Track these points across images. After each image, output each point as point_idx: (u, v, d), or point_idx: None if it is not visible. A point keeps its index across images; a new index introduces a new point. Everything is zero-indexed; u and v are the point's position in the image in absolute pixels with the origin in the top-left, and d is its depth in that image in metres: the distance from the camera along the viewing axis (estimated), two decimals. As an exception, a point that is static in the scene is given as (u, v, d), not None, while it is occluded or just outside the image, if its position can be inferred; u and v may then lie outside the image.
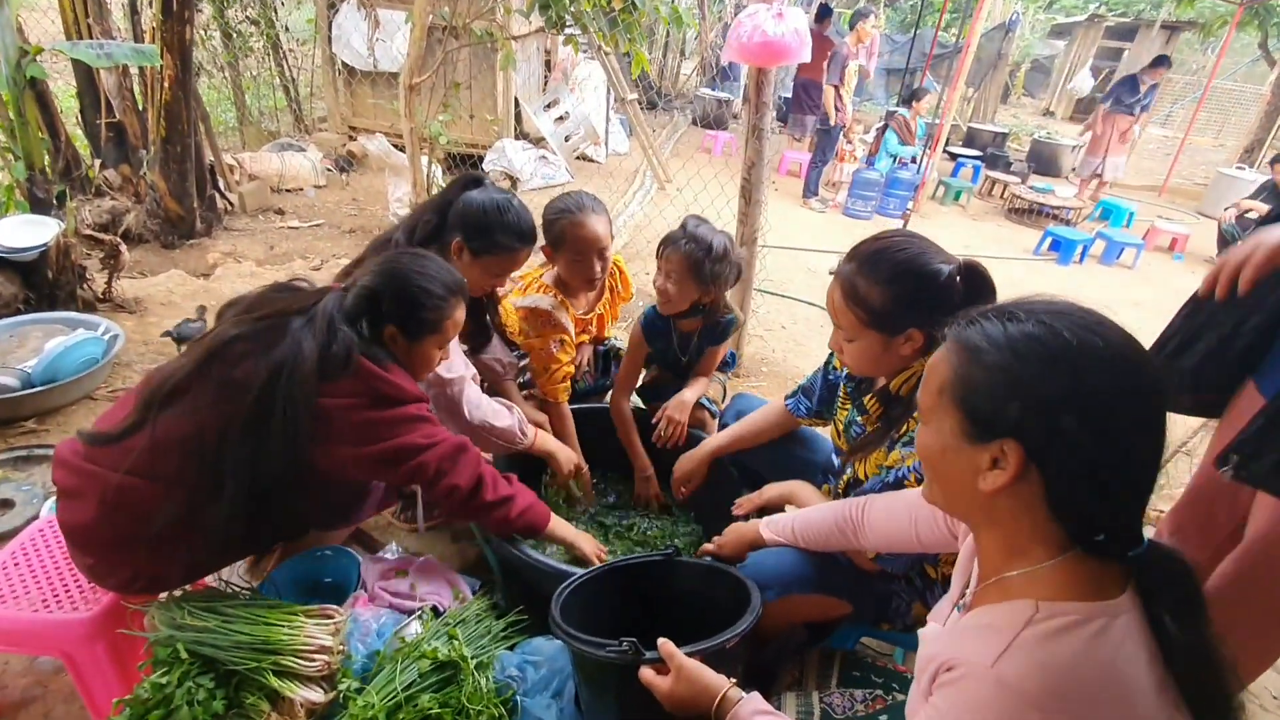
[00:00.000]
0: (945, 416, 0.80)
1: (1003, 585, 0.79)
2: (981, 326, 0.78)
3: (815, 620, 1.45)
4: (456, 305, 1.45)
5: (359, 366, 1.28)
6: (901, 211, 6.63)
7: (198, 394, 1.25)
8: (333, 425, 1.27)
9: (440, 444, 1.38)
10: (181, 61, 3.75)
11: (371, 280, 1.39)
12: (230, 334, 1.28)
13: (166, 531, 1.24)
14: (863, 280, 1.25)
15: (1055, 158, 9.97)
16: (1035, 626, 0.72)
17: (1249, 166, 9.09)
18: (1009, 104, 16.31)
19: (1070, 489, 0.74)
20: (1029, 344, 0.74)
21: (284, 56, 6.67)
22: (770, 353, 3.76)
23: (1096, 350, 0.71)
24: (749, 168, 2.91)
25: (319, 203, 5.40)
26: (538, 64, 6.99)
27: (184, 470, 1.23)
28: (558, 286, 2.09)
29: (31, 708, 1.52)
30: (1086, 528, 0.75)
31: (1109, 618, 0.72)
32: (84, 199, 3.97)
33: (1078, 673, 0.69)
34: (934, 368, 0.82)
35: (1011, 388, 0.74)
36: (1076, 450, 0.72)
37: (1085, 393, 0.71)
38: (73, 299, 3.07)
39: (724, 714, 0.99)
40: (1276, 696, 1.87)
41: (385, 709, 1.20)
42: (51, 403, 2.48)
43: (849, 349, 1.32)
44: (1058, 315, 0.74)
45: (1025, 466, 0.73)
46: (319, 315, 1.29)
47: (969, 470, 0.78)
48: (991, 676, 0.71)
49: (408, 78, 3.99)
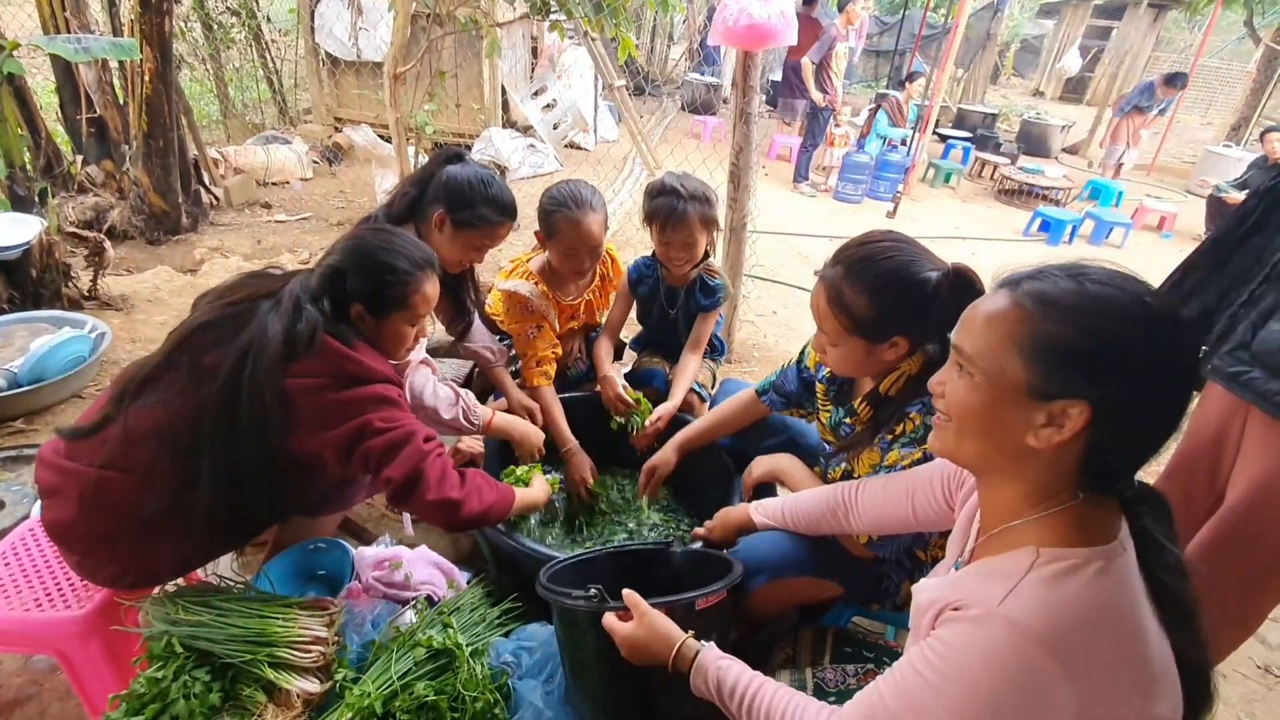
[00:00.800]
0: (1007, 370, 0.77)
1: (1005, 535, 0.81)
2: (1057, 281, 0.76)
3: (807, 602, 1.47)
4: (424, 279, 1.40)
5: (324, 345, 1.25)
6: (892, 194, 6.62)
7: (168, 383, 1.24)
8: (300, 410, 1.23)
9: (393, 430, 1.29)
10: (161, 54, 3.69)
11: (335, 258, 1.36)
12: (199, 321, 1.27)
13: (152, 524, 1.23)
14: (848, 288, 1.23)
15: (1045, 138, 9.96)
16: (1039, 570, 0.75)
17: (1236, 144, 9.12)
18: (999, 84, 16.28)
19: (1116, 447, 0.76)
20: (1111, 305, 0.73)
21: (266, 47, 6.58)
22: (762, 338, 3.76)
23: (1167, 315, 0.73)
24: (737, 152, 2.90)
25: (306, 195, 5.36)
26: (524, 51, 6.93)
27: (159, 461, 1.23)
28: (545, 274, 2.09)
29: (27, 706, 1.52)
30: (1111, 478, 0.78)
31: (1107, 559, 0.75)
32: (66, 196, 3.92)
33: (1081, 612, 0.72)
34: (997, 320, 0.78)
35: (1094, 349, 0.73)
36: (1142, 414, 0.73)
37: (1159, 358, 0.72)
38: (58, 297, 3.04)
39: (683, 660, 1.00)
40: (1260, 666, 1.91)
41: (381, 697, 1.20)
42: (40, 402, 2.46)
43: (832, 353, 1.31)
44: (1126, 279, 0.75)
45: (1089, 427, 0.73)
46: (285, 297, 1.27)
47: (1019, 425, 0.76)
48: (999, 614, 0.73)
49: (392, 67, 3.95)
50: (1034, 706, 0.71)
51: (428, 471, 1.32)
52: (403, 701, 1.22)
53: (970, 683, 0.73)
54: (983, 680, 0.73)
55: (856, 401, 1.40)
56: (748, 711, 0.93)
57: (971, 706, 0.73)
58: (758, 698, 0.93)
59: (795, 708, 0.90)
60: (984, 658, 0.73)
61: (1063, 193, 7.33)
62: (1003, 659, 0.72)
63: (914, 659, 0.80)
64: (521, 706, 1.31)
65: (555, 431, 2.00)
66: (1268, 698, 1.82)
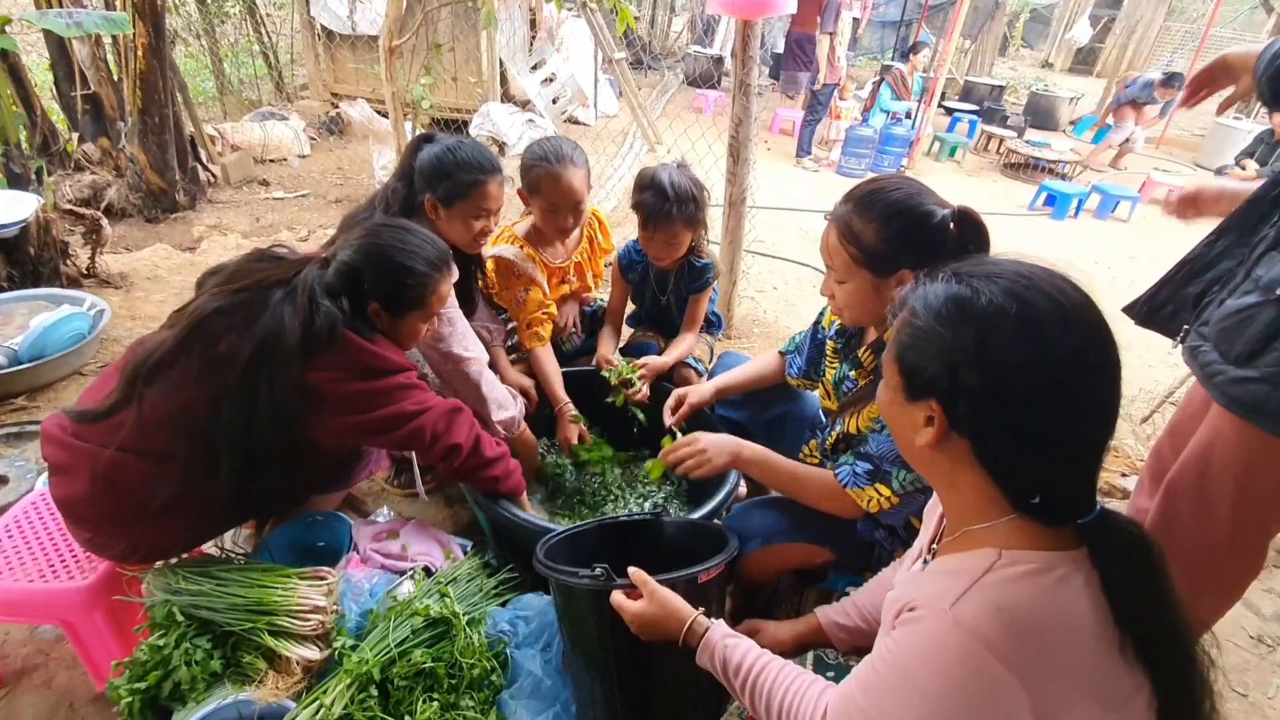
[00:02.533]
0: (890, 373, 0.84)
1: (967, 537, 0.81)
2: (925, 287, 0.81)
3: (799, 568, 1.48)
4: (441, 280, 1.45)
5: (344, 341, 1.29)
6: (896, 169, 6.56)
7: (183, 370, 1.25)
8: (324, 398, 1.28)
9: (433, 409, 1.40)
10: (155, 28, 3.65)
11: (353, 256, 1.37)
12: (211, 307, 1.27)
13: (167, 506, 1.25)
14: (857, 219, 1.24)
15: (1053, 111, 9.81)
16: (996, 572, 0.74)
17: (1246, 116, 8.96)
18: (1007, 55, 15.99)
19: (990, 448, 0.76)
20: (948, 305, 0.77)
21: (261, 21, 6.50)
22: (762, 314, 3.75)
23: (1005, 315, 0.72)
24: (736, 125, 2.86)
25: (304, 172, 5.32)
26: (521, 23, 6.82)
27: (175, 446, 1.24)
28: (531, 237, 2.08)
29: (34, 675, 1.55)
30: (1020, 490, 0.76)
31: (1070, 568, 0.73)
32: (63, 174, 3.91)
33: (1032, 617, 0.71)
34: (893, 329, 0.85)
35: (928, 348, 0.77)
36: (985, 410, 0.74)
37: (987, 355, 0.72)
38: (57, 275, 3.04)
39: (693, 637, 1.01)
40: (1253, 636, 1.92)
41: (379, 664, 1.22)
42: (41, 379, 2.48)
43: (840, 291, 1.31)
44: (989, 279, 0.75)
45: (950, 426, 0.77)
46: (299, 289, 1.28)
47: (909, 426, 0.82)
48: (949, 617, 0.73)
49: (387, 40, 3.90)
50: (985, 710, 0.71)
51: (481, 434, 1.50)
52: (400, 668, 1.24)
53: (921, 685, 0.74)
54: (932, 682, 0.73)
55: (861, 351, 1.41)
56: (750, 690, 0.94)
57: (923, 707, 0.73)
58: (761, 678, 0.94)
59: (794, 692, 0.90)
60: (931, 660, 0.73)
61: (1069, 166, 7.24)
62: (948, 661, 0.72)
63: (875, 657, 0.81)
64: (520, 675, 1.34)
65: (549, 392, 2.01)
66: (1259, 667, 1.84)
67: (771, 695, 0.91)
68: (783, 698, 0.90)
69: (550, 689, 1.32)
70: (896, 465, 1.27)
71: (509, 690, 1.32)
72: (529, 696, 1.30)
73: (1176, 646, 0.74)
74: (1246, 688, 1.77)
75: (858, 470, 1.32)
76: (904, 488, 1.28)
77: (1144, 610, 0.73)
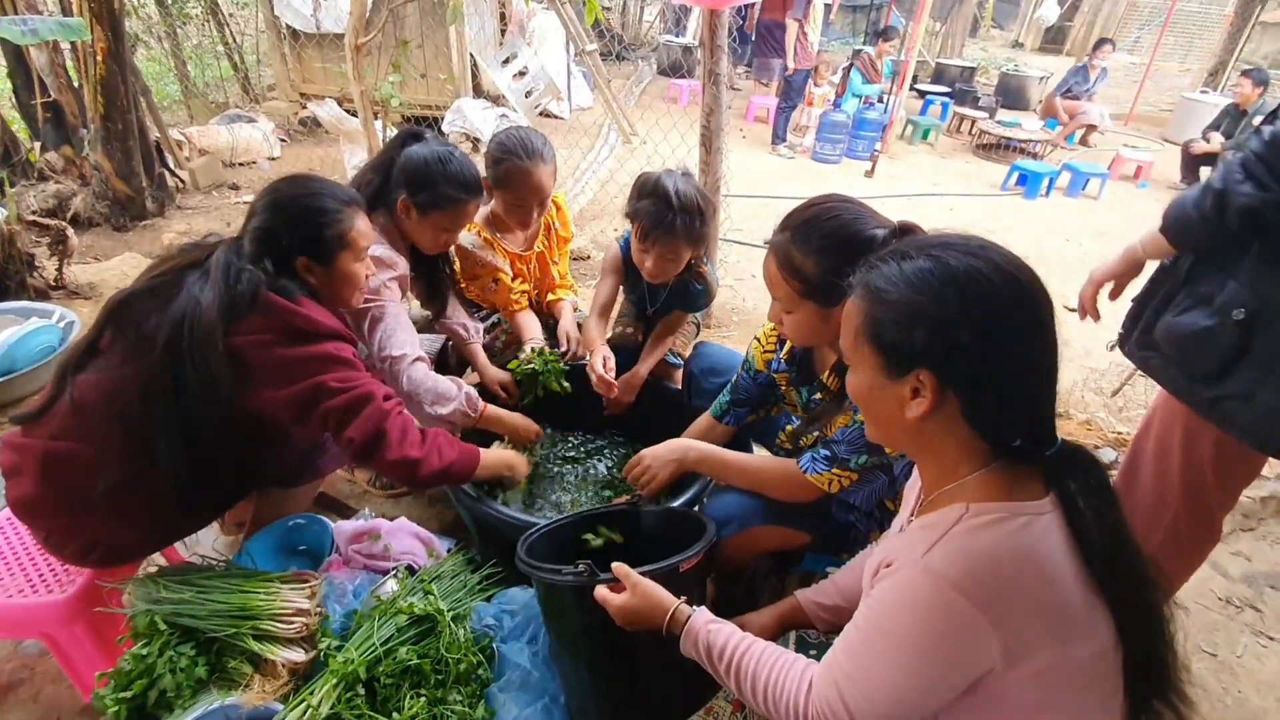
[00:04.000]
0: (865, 358, 0.87)
1: (939, 498, 0.86)
2: (880, 269, 0.84)
3: (777, 550, 1.51)
4: (356, 214, 1.41)
5: (266, 301, 1.25)
6: (870, 153, 6.59)
7: (109, 354, 1.26)
8: (250, 365, 1.24)
9: (350, 390, 1.30)
10: (113, 32, 3.58)
11: (262, 219, 1.34)
12: (129, 292, 1.28)
13: (114, 495, 1.24)
14: (796, 251, 1.23)
15: (1023, 90, 9.90)
16: (964, 523, 0.79)
17: (1213, 90, 9.10)
18: (978, 37, 16.08)
19: (981, 402, 0.81)
20: (921, 276, 0.81)
21: (225, 22, 6.38)
22: (740, 302, 3.77)
23: (979, 272, 0.78)
24: (708, 115, 2.87)
25: (274, 174, 5.24)
26: (491, 17, 6.75)
27: (110, 431, 1.24)
28: (489, 223, 2.08)
29: (20, 690, 1.54)
30: (1004, 436, 0.82)
31: (1034, 515, 0.79)
32: (26, 184, 3.84)
33: (997, 558, 0.76)
34: (848, 315, 0.88)
35: (912, 319, 0.80)
36: (978, 364, 0.78)
37: (975, 310, 0.78)
38: (24, 288, 2.99)
39: (676, 625, 1.03)
40: (1221, 598, 1.99)
41: (365, 663, 1.23)
42: (11, 394, 2.44)
43: (788, 321, 1.32)
44: (945, 247, 0.81)
45: (941, 390, 0.80)
46: (213, 266, 1.26)
47: (895, 404, 0.84)
48: (920, 565, 0.78)
49: (353, 37, 3.84)
50: (958, 649, 0.76)
51: (390, 430, 1.34)
52: (386, 666, 1.25)
53: (897, 633, 0.79)
54: (906, 627, 0.78)
55: (825, 376, 1.40)
56: (734, 674, 0.96)
57: (900, 654, 0.78)
58: (744, 660, 0.95)
59: (777, 671, 0.92)
60: (905, 606, 0.78)
61: (1040, 145, 7.33)
62: (919, 604, 0.77)
63: (855, 618, 0.85)
64: (507, 668, 1.35)
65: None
66: (1228, 627, 1.90)
67: (756, 676, 0.93)
68: (767, 677, 0.92)
69: (538, 681, 1.33)
70: (856, 452, 1.30)
71: (497, 683, 1.33)
72: (518, 689, 1.32)
73: (1134, 572, 0.80)
74: (1215, 647, 1.84)
75: (817, 456, 1.35)
76: (860, 468, 1.32)
77: (1105, 534, 0.79)
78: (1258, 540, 2.22)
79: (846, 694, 0.82)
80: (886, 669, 0.79)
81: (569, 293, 2.31)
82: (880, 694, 0.80)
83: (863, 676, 0.81)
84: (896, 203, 5.57)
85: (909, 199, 5.84)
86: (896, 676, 0.79)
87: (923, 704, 0.80)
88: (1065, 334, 0.83)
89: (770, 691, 0.91)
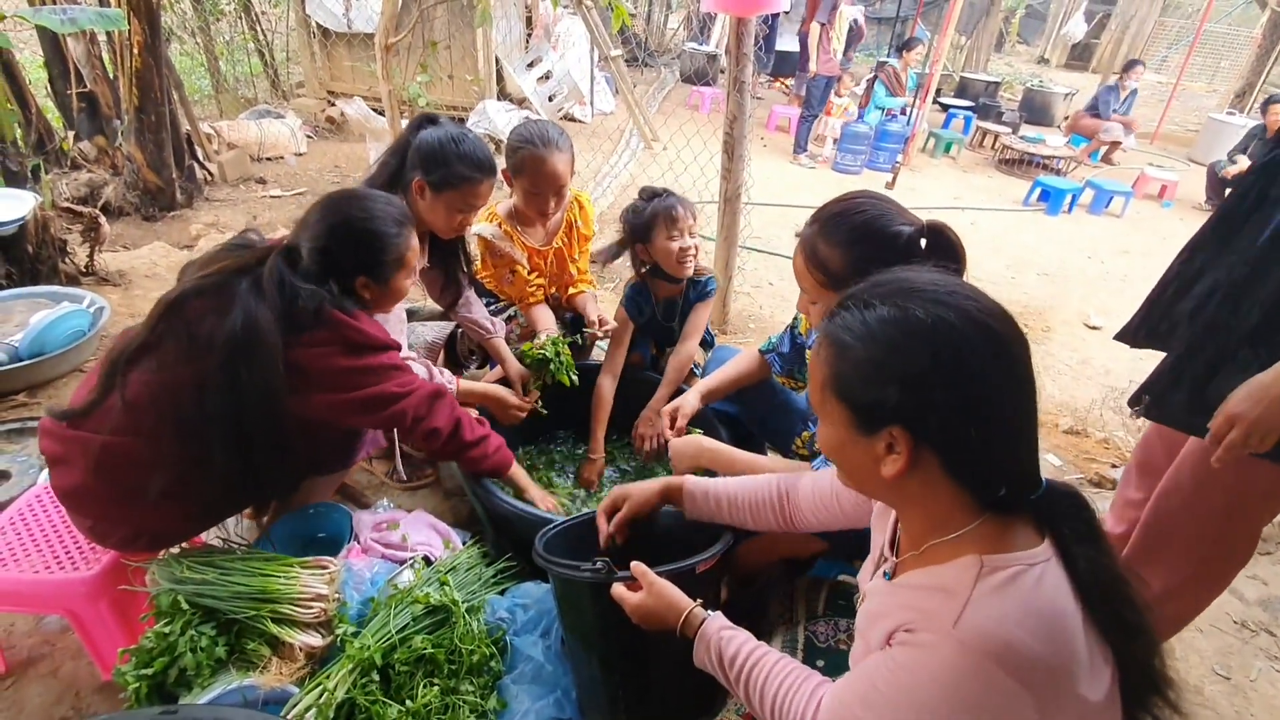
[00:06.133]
0: (833, 413, 0.82)
1: (935, 551, 0.81)
2: (843, 318, 0.80)
3: (793, 556, 1.51)
4: (410, 234, 1.50)
5: (329, 317, 1.32)
6: (891, 165, 6.57)
7: (164, 351, 1.28)
8: (309, 375, 1.31)
9: (416, 391, 1.45)
10: (150, 26, 3.65)
11: (324, 240, 1.39)
12: (184, 290, 1.30)
13: (167, 487, 1.28)
14: (823, 243, 1.24)
15: (1048, 106, 9.83)
16: (985, 581, 0.74)
17: (1240, 111, 9.00)
18: (1003, 52, 16.01)
19: (961, 454, 0.76)
20: (885, 328, 0.76)
21: (257, 19, 6.49)
22: (758, 309, 3.78)
23: (948, 324, 0.74)
24: (731, 122, 2.89)
25: (300, 170, 5.33)
26: (518, 21, 6.82)
27: (165, 426, 1.27)
28: (511, 216, 2.12)
29: (40, 665, 1.57)
30: (988, 487, 0.78)
31: (1043, 564, 0.75)
32: (59, 172, 3.91)
33: (1030, 623, 0.72)
34: (813, 366, 0.84)
35: (880, 376, 0.76)
36: (955, 419, 0.74)
37: (946, 366, 0.74)
38: (55, 273, 3.05)
39: (691, 627, 1.03)
40: (1237, 621, 1.96)
41: (380, 650, 1.25)
42: (41, 376, 2.49)
43: (814, 311, 1.33)
44: (910, 294, 0.77)
45: (916, 447, 0.76)
46: (266, 281, 1.29)
47: (869, 459, 0.79)
48: (954, 639, 0.73)
49: (383, 38, 3.91)
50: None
51: (462, 417, 1.57)
52: (401, 654, 1.27)
53: (929, 704, 0.73)
54: (942, 703, 0.73)
55: None
56: (744, 683, 0.95)
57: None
58: (755, 671, 0.94)
59: (787, 686, 0.90)
60: (942, 686, 0.73)
61: (1064, 162, 7.27)
62: (958, 683, 0.72)
63: (875, 675, 0.80)
64: (520, 661, 1.37)
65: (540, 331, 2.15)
66: (1243, 651, 1.87)
67: (765, 688, 0.92)
68: (776, 691, 0.91)
69: (551, 675, 1.35)
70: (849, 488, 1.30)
71: (510, 676, 1.35)
72: (530, 682, 1.33)
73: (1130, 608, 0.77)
74: (1229, 670, 1.81)
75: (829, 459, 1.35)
76: None
77: (1103, 582, 0.76)
78: (1274, 564, 2.19)
79: None
80: None
81: (589, 287, 2.36)
82: None
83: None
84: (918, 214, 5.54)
85: (930, 211, 5.79)
86: None
87: None
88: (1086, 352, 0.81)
89: (779, 707, 0.90)
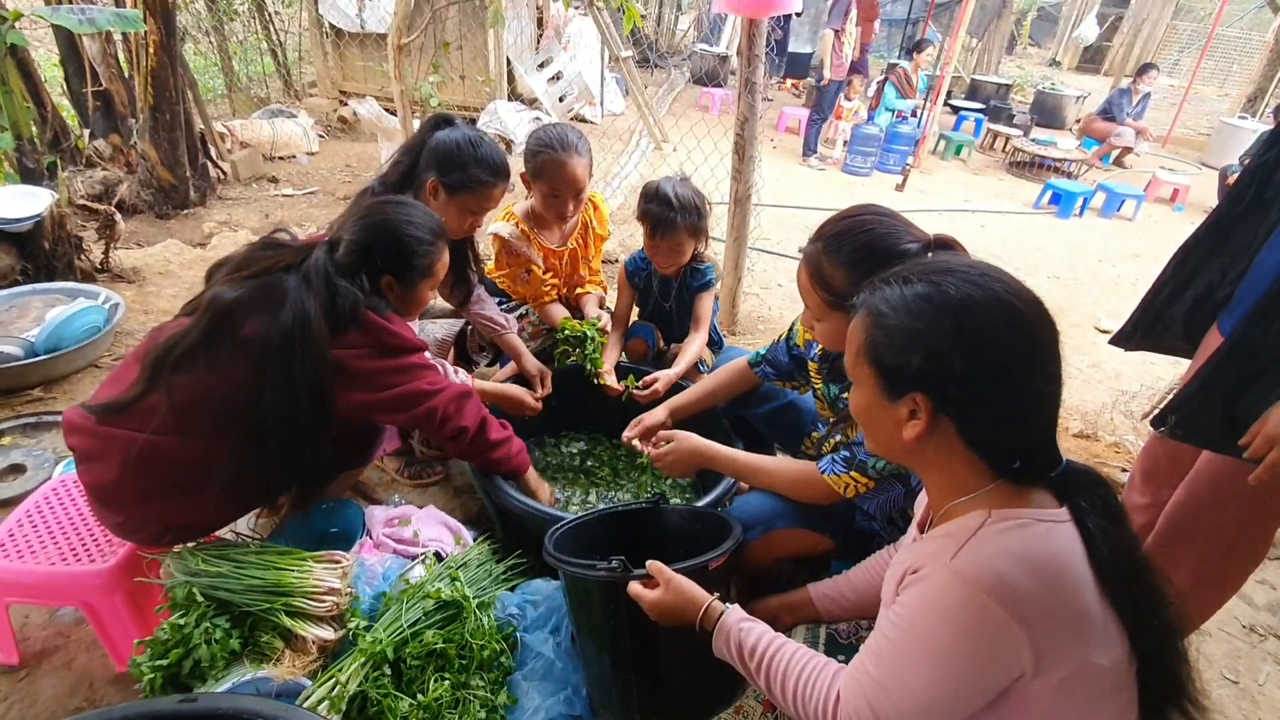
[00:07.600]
0: (865, 377, 0.89)
1: (954, 510, 0.87)
2: (883, 291, 0.87)
3: (800, 555, 1.51)
4: (443, 248, 1.54)
5: (365, 320, 1.35)
6: (901, 167, 6.56)
7: (211, 355, 1.29)
8: (347, 373, 1.34)
9: (445, 390, 1.48)
10: (165, 26, 3.68)
11: (362, 234, 1.42)
12: (230, 296, 1.31)
13: (225, 482, 1.31)
14: (827, 262, 1.23)
15: (1059, 109, 9.79)
16: (989, 527, 0.80)
17: (1251, 115, 8.93)
18: (1014, 54, 15.94)
19: (977, 425, 0.83)
20: (919, 303, 0.83)
21: (270, 19, 6.54)
22: (767, 310, 3.77)
23: (975, 301, 0.80)
24: (741, 123, 2.88)
25: (312, 169, 5.36)
26: (529, 22, 6.84)
27: (216, 426, 1.29)
28: (528, 217, 2.14)
29: (54, 657, 1.58)
30: (1002, 457, 0.83)
31: (1054, 522, 0.80)
32: (75, 170, 3.95)
33: (1026, 562, 0.77)
34: (851, 334, 0.90)
35: (909, 344, 0.82)
36: (973, 390, 0.80)
37: (968, 339, 0.79)
38: (71, 269, 3.08)
39: (709, 621, 1.04)
40: (1245, 625, 1.95)
41: (392, 644, 1.26)
42: (57, 370, 2.52)
43: (819, 328, 1.33)
44: (946, 273, 0.83)
45: (935, 413, 0.82)
46: (313, 274, 1.33)
47: (893, 423, 0.87)
48: (949, 569, 0.79)
49: (396, 38, 3.93)
50: (991, 654, 0.75)
51: (488, 417, 1.60)
52: (413, 648, 1.28)
53: (930, 639, 0.78)
54: (941, 635, 0.78)
55: None
56: (764, 673, 0.96)
57: (936, 662, 0.78)
58: (775, 661, 0.96)
59: (808, 674, 0.92)
60: (936, 611, 0.79)
61: (1075, 165, 7.24)
62: (951, 609, 0.77)
63: (883, 625, 0.86)
64: (530, 657, 1.38)
65: None
66: (1251, 655, 1.86)
67: (786, 678, 0.94)
68: (796, 679, 0.92)
69: (561, 671, 1.35)
70: (874, 454, 1.29)
71: (520, 672, 1.35)
72: (541, 678, 1.34)
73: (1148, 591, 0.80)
74: (1237, 674, 1.80)
75: (836, 458, 1.36)
76: (879, 474, 1.32)
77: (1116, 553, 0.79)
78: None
79: (876, 703, 0.82)
80: (918, 675, 0.79)
81: (596, 288, 2.37)
82: (910, 702, 0.80)
83: (893, 684, 0.81)
84: (927, 217, 5.53)
85: (939, 214, 5.80)
86: (928, 683, 0.79)
87: (952, 711, 0.80)
88: (1096, 356, 0.85)
89: (799, 694, 0.91)
